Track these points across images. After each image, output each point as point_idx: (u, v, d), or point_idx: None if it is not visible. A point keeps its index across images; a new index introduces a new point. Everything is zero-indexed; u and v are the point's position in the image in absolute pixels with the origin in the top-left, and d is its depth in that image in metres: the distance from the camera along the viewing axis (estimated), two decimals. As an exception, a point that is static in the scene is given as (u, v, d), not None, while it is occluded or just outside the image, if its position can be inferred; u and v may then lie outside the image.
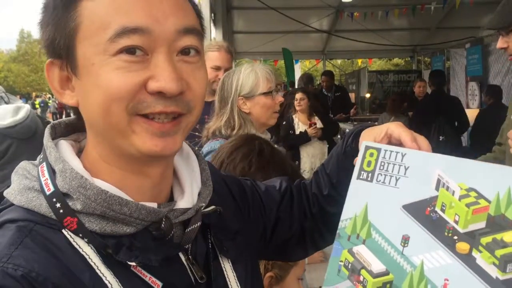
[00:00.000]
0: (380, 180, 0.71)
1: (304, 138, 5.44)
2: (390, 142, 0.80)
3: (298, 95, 5.58)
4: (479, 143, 5.70)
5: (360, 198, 0.72)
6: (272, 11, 8.38)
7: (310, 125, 5.42)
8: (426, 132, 6.22)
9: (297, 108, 5.55)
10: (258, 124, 2.36)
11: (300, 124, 5.62)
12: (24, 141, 2.63)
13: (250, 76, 2.32)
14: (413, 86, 8.02)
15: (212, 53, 2.93)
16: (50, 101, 30.66)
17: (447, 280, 0.63)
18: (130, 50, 0.68)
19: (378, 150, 0.73)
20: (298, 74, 11.59)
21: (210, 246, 0.84)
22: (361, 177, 0.73)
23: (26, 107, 2.69)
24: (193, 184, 0.85)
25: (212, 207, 0.85)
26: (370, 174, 0.72)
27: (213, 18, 7.47)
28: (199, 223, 0.80)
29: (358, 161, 0.74)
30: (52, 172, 0.73)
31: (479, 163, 0.67)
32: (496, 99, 6.35)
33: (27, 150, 2.63)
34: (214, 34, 7.94)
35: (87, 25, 0.70)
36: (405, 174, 0.70)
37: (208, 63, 2.95)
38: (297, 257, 1.27)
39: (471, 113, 7.06)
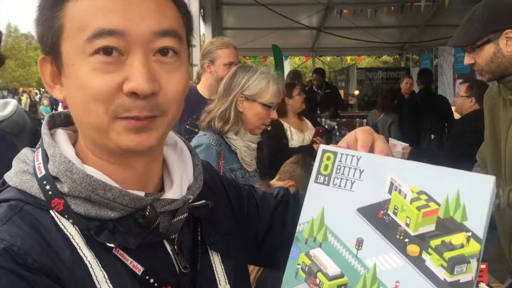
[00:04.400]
0: (336, 184, 0.72)
1: (310, 152, 3.55)
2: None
3: (298, 91, 4.11)
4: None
5: (317, 202, 0.72)
6: (262, 7, 8.36)
7: (317, 133, 3.85)
8: (418, 130, 6.27)
9: (291, 109, 4.10)
10: (247, 128, 2.37)
11: (293, 131, 3.99)
12: (12, 137, 2.60)
13: (262, 82, 2.32)
14: (400, 83, 8.02)
15: (222, 51, 3.05)
16: (37, 97, 30.31)
17: (398, 282, 0.64)
18: (106, 51, 0.71)
19: (335, 153, 0.73)
20: (287, 70, 11.60)
21: (199, 239, 0.87)
22: (318, 180, 0.73)
23: (13, 102, 2.66)
24: (183, 177, 0.88)
25: (203, 201, 0.87)
26: (327, 178, 0.73)
27: (202, 14, 7.44)
28: (185, 214, 0.83)
29: (315, 164, 0.74)
30: (46, 157, 0.78)
31: (430, 166, 0.67)
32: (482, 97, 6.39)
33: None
34: (203, 30, 7.91)
35: (69, 26, 0.73)
36: (360, 177, 0.70)
37: (221, 60, 3.07)
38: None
39: (459, 110, 7.11)
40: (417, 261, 0.64)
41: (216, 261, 0.89)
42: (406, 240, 0.66)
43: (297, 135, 3.99)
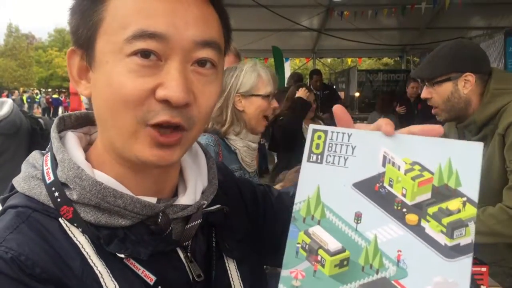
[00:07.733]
0: (329, 161, 0.72)
1: None
2: None
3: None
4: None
5: (311, 180, 0.72)
6: (263, 9, 8.37)
7: None
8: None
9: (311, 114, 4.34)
10: (249, 127, 2.36)
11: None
12: (9, 137, 2.59)
13: (252, 75, 2.30)
14: (406, 86, 8.03)
15: None
16: (38, 97, 30.36)
17: (400, 251, 0.65)
18: (144, 54, 0.69)
19: (325, 132, 0.74)
20: (288, 72, 11.61)
21: (214, 245, 0.84)
22: (311, 159, 0.73)
23: (9, 101, 2.65)
24: (197, 182, 0.85)
25: (218, 206, 0.84)
26: (319, 156, 0.73)
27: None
28: (199, 220, 0.80)
29: (306, 144, 0.74)
30: (55, 162, 0.75)
31: (420, 137, 0.69)
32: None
33: (13, 146, 2.60)
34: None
35: (109, 22, 0.71)
36: (352, 153, 0.71)
37: None
38: None
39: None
40: (417, 229, 0.66)
41: (231, 267, 0.86)
42: (404, 210, 0.67)
43: None
